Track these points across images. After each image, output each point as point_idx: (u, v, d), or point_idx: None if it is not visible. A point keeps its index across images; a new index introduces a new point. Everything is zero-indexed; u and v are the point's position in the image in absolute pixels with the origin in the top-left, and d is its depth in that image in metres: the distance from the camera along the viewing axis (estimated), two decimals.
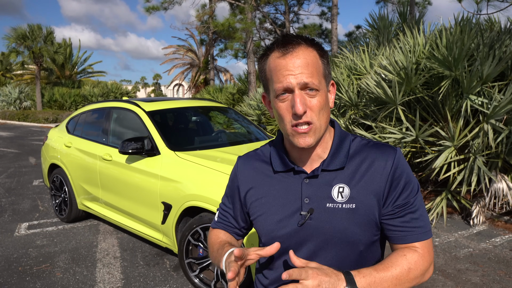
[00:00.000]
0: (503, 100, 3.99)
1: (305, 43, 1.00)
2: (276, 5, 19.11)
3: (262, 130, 4.52)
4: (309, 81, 0.96)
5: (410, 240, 1.03)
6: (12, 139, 13.43)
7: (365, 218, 1.03)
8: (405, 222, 1.03)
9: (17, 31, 22.02)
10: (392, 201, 1.03)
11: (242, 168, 1.21)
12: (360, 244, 1.05)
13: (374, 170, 1.04)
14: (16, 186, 6.44)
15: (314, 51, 1.01)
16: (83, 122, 4.64)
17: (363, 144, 1.10)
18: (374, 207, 1.03)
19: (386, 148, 1.07)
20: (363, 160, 1.06)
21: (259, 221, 1.14)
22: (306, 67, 0.97)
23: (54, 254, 3.74)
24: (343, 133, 1.12)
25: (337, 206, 1.03)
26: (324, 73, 1.02)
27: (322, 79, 1.01)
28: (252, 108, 10.68)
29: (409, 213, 1.03)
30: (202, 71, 29.29)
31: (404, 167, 1.05)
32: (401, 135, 4.63)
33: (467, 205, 4.53)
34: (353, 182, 1.04)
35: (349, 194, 1.03)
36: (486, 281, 3.14)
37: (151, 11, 14.09)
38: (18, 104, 25.87)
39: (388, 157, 1.04)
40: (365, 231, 1.04)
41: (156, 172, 3.28)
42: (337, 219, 1.04)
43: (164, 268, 3.43)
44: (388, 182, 1.02)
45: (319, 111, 0.99)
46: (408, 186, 1.04)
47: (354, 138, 1.12)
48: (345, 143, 1.09)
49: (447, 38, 4.58)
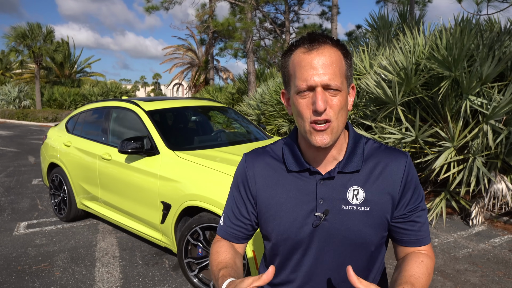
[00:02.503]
0: (503, 101, 4.00)
1: (331, 42, 1.01)
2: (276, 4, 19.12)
3: (261, 130, 4.52)
4: (332, 83, 0.96)
5: (422, 243, 1.10)
6: (12, 138, 13.41)
7: (378, 220, 1.06)
8: (416, 225, 1.09)
9: (17, 30, 22.01)
10: (405, 205, 1.08)
11: (251, 164, 1.17)
12: (372, 245, 1.09)
13: (388, 174, 1.07)
14: (15, 185, 6.43)
15: (339, 51, 1.01)
16: (82, 122, 4.63)
17: (375, 148, 1.12)
18: (388, 209, 1.07)
19: (398, 152, 1.10)
20: (377, 163, 1.08)
21: (270, 221, 1.12)
22: (330, 66, 0.97)
23: (53, 253, 3.74)
24: (357, 136, 1.12)
25: (352, 208, 1.05)
26: (346, 74, 1.02)
27: (344, 80, 1.01)
28: (251, 108, 10.68)
29: (419, 217, 1.09)
30: (202, 70, 29.28)
31: (414, 172, 1.10)
32: (400, 135, 4.63)
33: (466, 205, 4.53)
34: (367, 185, 1.06)
35: (364, 197, 1.05)
36: (485, 281, 3.14)
37: (151, 10, 14.07)
38: (18, 103, 25.85)
39: (400, 161, 1.08)
40: (377, 233, 1.07)
41: (156, 171, 3.28)
42: (352, 221, 1.05)
43: (163, 268, 3.42)
44: (401, 185, 1.06)
45: (339, 111, 0.98)
46: (417, 191, 1.09)
47: (366, 141, 1.13)
48: (359, 146, 1.09)
49: (447, 38, 4.59)
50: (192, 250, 3.03)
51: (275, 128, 9.33)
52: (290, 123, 8.98)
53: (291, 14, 20.38)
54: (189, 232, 2.93)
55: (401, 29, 6.51)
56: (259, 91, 10.57)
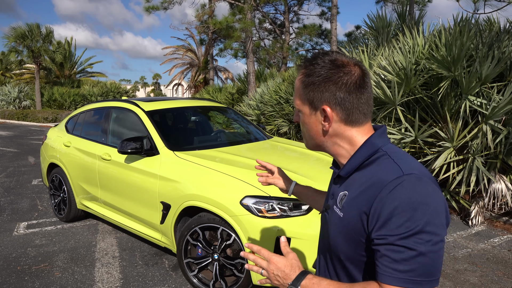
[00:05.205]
0: (502, 101, 4.00)
1: (300, 68, 1.14)
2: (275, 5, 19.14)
3: (261, 130, 4.52)
4: (294, 103, 1.15)
5: (380, 279, 0.91)
6: (12, 139, 13.41)
7: (349, 232, 1.00)
8: (379, 256, 0.92)
9: (17, 30, 22.01)
10: (373, 230, 0.94)
11: None
12: (342, 254, 1.04)
13: (369, 192, 0.96)
14: (15, 186, 6.44)
15: (300, 77, 1.11)
16: (82, 122, 4.64)
17: (384, 161, 1.00)
18: (358, 227, 0.98)
19: (391, 175, 0.94)
20: (369, 178, 0.99)
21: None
22: (295, 90, 1.16)
23: (53, 254, 3.74)
24: (371, 147, 1.04)
25: (337, 212, 1.07)
26: (303, 97, 1.10)
27: (303, 102, 1.11)
28: (251, 108, 10.68)
29: (388, 250, 0.90)
30: (202, 70, 29.29)
31: (393, 202, 0.90)
32: (400, 135, 4.64)
33: (466, 205, 4.54)
34: (350, 194, 1.03)
35: (343, 204, 1.04)
36: (485, 281, 3.14)
37: (150, 11, 14.06)
38: (18, 103, 25.84)
39: (383, 184, 0.93)
40: (350, 245, 1.01)
41: (155, 171, 3.28)
42: (332, 225, 1.07)
43: (163, 268, 3.43)
44: (372, 209, 0.93)
45: (302, 126, 1.13)
46: (391, 222, 0.89)
47: (381, 155, 1.03)
48: (361, 156, 1.04)
49: (446, 38, 4.59)
50: (191, 250, 3.03)
51: (274, 128, 9.33)
52: (290, 123, 8.99)
53: (291, 14, 20.39)
54: (189, 232, 2.94)
55: (400, 29, 6.51)
56: (259, 91, 10.57)
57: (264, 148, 3.86)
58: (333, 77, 1.00)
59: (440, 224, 0.89)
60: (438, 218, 0.89)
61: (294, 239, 2.58)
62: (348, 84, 1.00)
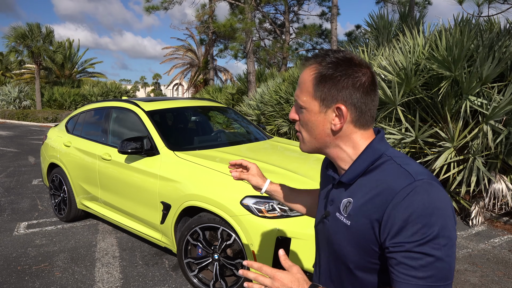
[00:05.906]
0: (503, 101, 4.00)
1: (309, 64, 1.08)
2: (276, 5, 19.14)
3: (261, 130, 4.52)
4: (298, 99, 1.06)
5: (398, 286, 0.90)
6: (12, 138, 13.42)
7: (358, 241, 0.99)
8: (396, 264, 0.90)
9: (17, 30, 22.04)
10: (387, 239, 0.92)
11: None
12: (351, 263, 1.02)
13: (379, 199, 0.94)
14: (15, 186, 6.43)
15: (313, 75, 1.08)
16: (82, 122, 4.64)
17: (389, 166, 0.99)
18: (369, 235, 0.96)
19: (403, 180, 0.93)
20: (377, 184, 0.97)
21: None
22: (301, 84, 1.08)
23: (53, 254, 3.74)
24: (375, 152, 1.03)
25: (341, 219, 1.04)
26: (314, 94, 1.05)
27: (312, 100, 1.06)
28: (251, 108, 10.68)
29: (405, 258, 0.88)
30: (202, 71, 29.30)
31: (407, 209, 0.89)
32: (400, 135, 4.63)
33: (466, 205, 4.53)
34: (356, 201, 1.00)
35: (350, 211, 1.01)
36: (485, 281, 3.14)
37: (151, 10, 14.07)
38: (18, 103, 25.85)
39: (395, 190, 0.92)
40: (359, 254, 0.99)
41: (155, 171, 3.28)
42: (338, 232, 1.04)
43: (163, 268, 3.42)
44: (384, 217, 0.92)
45: (304, 125, 1.06)
46: (408, 229, 0.88)
47: (385, 160, 1.02)
48: (366, 161, 1.02)
49: (446, 39, 4.59)
50: (192, 250, 3.03)
51: (275, 128, 9.34)
52: (290, 123, 8.98)
53: (291, 14, 20.40)
54: (189, 232, 2.93)
55: (401, 29, 6.51)
56: (259, 91, 10.57)
57: (264, 148, 3.86)
58: (353, 75, 0.97)
59: (452, 227, 0.89)
60: (451, 221, 0.89)
61: (294, 239, 2.58)
62: (365, 85, 0.98)
